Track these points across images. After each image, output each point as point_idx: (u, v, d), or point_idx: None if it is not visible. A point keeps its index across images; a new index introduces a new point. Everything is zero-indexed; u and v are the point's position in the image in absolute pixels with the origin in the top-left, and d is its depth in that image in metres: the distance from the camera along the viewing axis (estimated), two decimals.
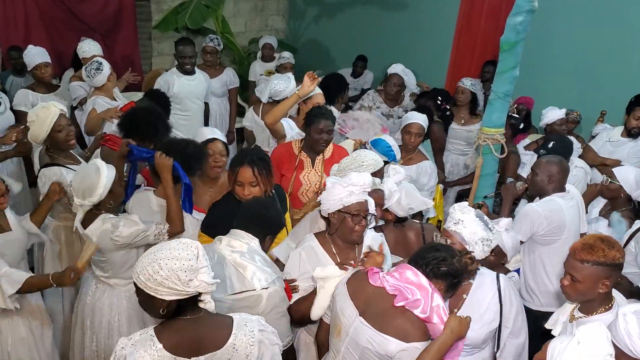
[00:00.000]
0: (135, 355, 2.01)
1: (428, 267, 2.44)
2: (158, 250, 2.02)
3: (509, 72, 4.63)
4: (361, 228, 2.89)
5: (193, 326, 2.08)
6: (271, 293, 2.65)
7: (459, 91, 5.78)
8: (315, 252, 2.98)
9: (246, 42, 8.89)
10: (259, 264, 2.70)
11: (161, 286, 1.97)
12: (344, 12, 8.75)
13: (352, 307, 2.46)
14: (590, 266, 2.48)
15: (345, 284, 2.55)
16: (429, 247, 2.57)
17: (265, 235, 2.83)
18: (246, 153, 3.31)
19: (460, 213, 2.84)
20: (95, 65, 4.75)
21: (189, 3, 7.41)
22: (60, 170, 3.61)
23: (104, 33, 7.02)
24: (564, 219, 3.60)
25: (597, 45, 6.27)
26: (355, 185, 2.86)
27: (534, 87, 6.37)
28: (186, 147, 3.37)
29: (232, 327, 2.14)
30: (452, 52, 7.29)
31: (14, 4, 6.36)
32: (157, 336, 2.06)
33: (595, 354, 1.97)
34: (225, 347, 2.10)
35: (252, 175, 3.18)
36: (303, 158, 4.09)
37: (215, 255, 2.72)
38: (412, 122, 4.69)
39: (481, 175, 4.97)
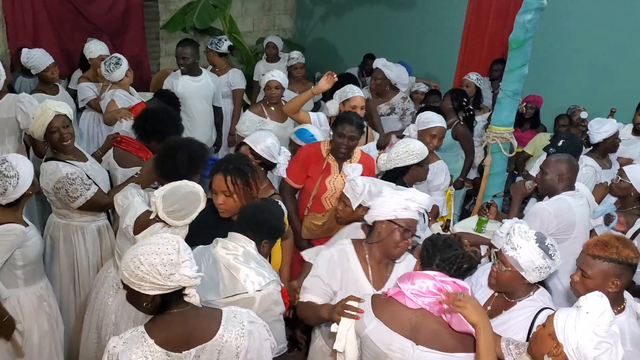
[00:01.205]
0: (127, 352, 2.03)
1: (452, 267, 2.40)
2: (140, 246, 2.04)
3: (517, 71, 4.62)
4: (405, 244, 2.75)
5: (181, 320, 2.09)
6: (264, 296, 2.60)
7: (464, 85, 5.85)
8: (347, 257, 2.84)
9: (254, 41, 8.89)
10: (254, 266, 2.65)
11: (143, 281, 1.99)
12: (352, 11, 8.74)
13: (402, 339, 2.33)
14: (602, 262, 2.46)
15: (377, 318, 2.39)
16: (443, 247, 2.46)
17: (262, 240, 2.76)
18: (226, 160, 3.15)
19: (519, 238, 2.60)
20: (115, 60, 4.94)
21: (196, 3, 7.42)
22: (57, 164, 3.59)
23: (111, 33, 7.04)
24: (573, 217, 3.57)
25: (607, 42, 6.24)
26: (415, 202, 2.75)
27: (543, 85, 6.35)
28: (190, 146, 3.34)
29: (221, 319, 2.16)
30: (460, 51, 7.27)
31: (22, 5, 6.38)
32: (148, 332, 2.07)
33: (603, 322, 1.98)
34: (214, 339, 2.12)
35: (224, 185, 3.02)
36: (331, 162, 4.01)
37: (210, 258, 2.70)
38: (432, 125, 4.44)
39: (490, 174, 4.96)
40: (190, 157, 3.25)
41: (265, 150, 3.64)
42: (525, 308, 2.71)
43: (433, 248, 2.47)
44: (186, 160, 3.21)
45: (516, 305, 2.74)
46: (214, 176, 3.05)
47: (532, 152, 5.80)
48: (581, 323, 1.99)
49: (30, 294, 3.20)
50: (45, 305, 3.29)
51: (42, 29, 6.58)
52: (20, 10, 6.39)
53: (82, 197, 3.57)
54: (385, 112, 5.68)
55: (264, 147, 3.65)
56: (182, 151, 3.23)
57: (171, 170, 3.19)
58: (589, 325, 1.97)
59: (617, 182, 4.07)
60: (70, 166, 3.59)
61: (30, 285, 3.20)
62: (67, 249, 3.77)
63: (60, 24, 6.74)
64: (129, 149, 3.93)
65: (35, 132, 3.62)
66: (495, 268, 2.67)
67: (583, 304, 2.04)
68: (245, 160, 3.24)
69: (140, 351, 2.04)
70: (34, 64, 5.13)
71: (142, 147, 3.93)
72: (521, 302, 2.73)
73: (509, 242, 2.64)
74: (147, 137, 3.89)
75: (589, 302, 2.03)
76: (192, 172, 3.26)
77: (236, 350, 2.15)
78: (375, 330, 2.39)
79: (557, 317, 2.08)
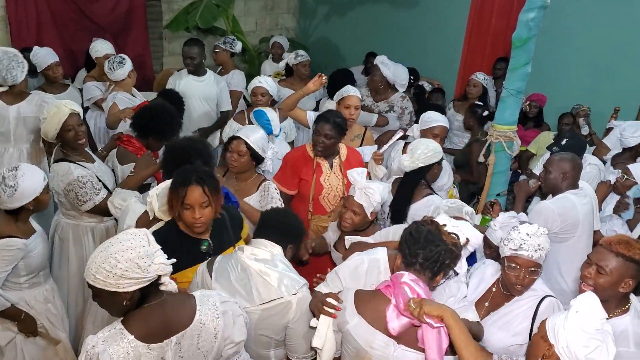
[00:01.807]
0: (108, 351, 2.01)
1: (435, 265, 2.36)
2: (108, 247, 2.01)
3: (521, 69, 4.61)
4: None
5: (158, 311, 2.09)
6: (300, 299, 2.57)
7: (471, 84, 5.79)
8: (379, 268, 2.76)
9: (257, 41, 8.89)
10: (284, 271, 2.62)
11: (122, 278, 1.96)
12: (355, 10, 8.74)
13: (384, 337, 2.32)
14: (623, 261, 2.46)
15: (359, 314, 2.38)
16: (425, 243, 2.36)
17: (287, 244, 2.74)
18: (190, 170, 2.81)
19: (538, 238, 2.68)
20: (119, 60, 4.98)
21: (199, 2, 7.42)
22: (69, 165, 3.61)
23: (115, 33, 7.05)
24: (577, 216, 3.57)
25: (610, 40, 6.23)
26: (471, 244, 2.73)
27: (547, 83, 6.34)
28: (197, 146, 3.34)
29: (196, 304, 2.19)
30: (464, 49, 7.27)
31: (26, 5, 6.39)
32: (126, 328, 2.06)
33: (592, 320, 1.97)
34: (193, 324, 2.15)
35: (202, 195, 2.75)
36: (320, 161, 4.06)
37: (238, 265, 2.64)
38: (435, 125, 4.43)
39: (494, 173, 4.95)
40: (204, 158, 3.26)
41: (257, 143, 3.76)
42: (526, 298, 2.75)
43: (414, 245, 2.38)
44: (201, 163, 3.16)
45: (516, 297, 2.76)
46: (187, 189, 2.73)
47: (535, 151, 5.79)
48: (570, 322, 1.98)
49: (38, 295, 3.23)
50: (50, 306, 3.31)
51: (45, 29, 6.60)
52: (23, 11, 6.41)
53: (90, 202, 3.60)
54: (383, 110, 5.65)
55: (256, 139, 3.78)
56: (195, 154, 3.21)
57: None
58: (578, 323, 1.96)
59: (622, 180, 4.06)
60: (81, 168, 3.60)
61: (35, 288, 3.22)
62: (77, 250, 3.78)
63: (63, 24, 6.76)
64: (128, 147, 3.95)
65: (49, 132, 3.61)
66: (521, 275, 2.68)
67: (573, 303, 2.03)
68: (205, 167, 3.04)
69: (121, 348, 2.03)
70: (37, 61, 5.18)
71: (141, 146, 3.94)
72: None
73: (529, 245, 2.65)
74: (144, 134, 3.91)
75: (578, 301, 2.02)
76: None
77: (214, 332, 2.19)
78: (357, 327, 2.38)
79: (549, 319, 2.08)
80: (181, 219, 2.82)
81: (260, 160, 3.84)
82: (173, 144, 3.51)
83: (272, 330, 2.61)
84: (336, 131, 3.96)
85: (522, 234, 2.69)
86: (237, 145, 3.73)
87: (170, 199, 2.81)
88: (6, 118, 4.46)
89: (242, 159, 3.74)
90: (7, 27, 6.36)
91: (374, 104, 5.67)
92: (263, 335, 2.62)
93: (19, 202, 2.97)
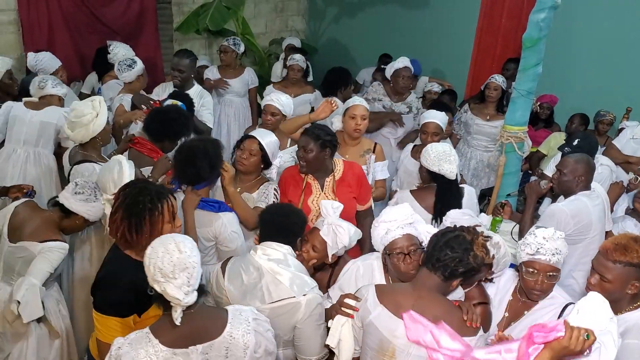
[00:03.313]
0: (132, 354, 2.05)
1: (447, 270, 2.35)
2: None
3: (531, 70, 4.60)
4: (407, 266, 2.71)
5: (187, 319, 2.10)
6: (310, 300, 2.60)
7: (491, 87, 5.69)
8: (373, 271, 2.88)
9: (267, 42, 8.92)
10: (295, 271, 2.66)
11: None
12: (364, 11, 8.73)
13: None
14: (623, 267, 2.44)
15: (381, 304, 2.41)
16: (442, 246, 2.38)
17: (296, 239, 2.79)
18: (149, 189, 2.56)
19: (555, 242, 2.68)
20: (129, 62, 5.02)
21: (209, 5, 7.44)
22: (93, 166, 3.68)
23: (126, 36, 7.06)
24: (590, 217, 3.55)
25: (622, 40, 6.19)
26: (387, 222, 2.78)
27: (558, 84, 6.32)
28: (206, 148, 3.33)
29: (228, 317, 2.19)
30: (474, 50, 7.25)
31: (38, 8, 6.43)
32: (153, 333, 2.10)
33: (597, 321, 1.95)
34: (222, 336, 2.15)
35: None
36: (310, 181, 3.76)
37: (250, 266, 2.68)
38: (428, 121, 4.48)
39: (504, 174, 4.94)
40: (210, 159, 3.26)
41: (269, 146, 3.72)
42: (547, 307, 2.73)
43: (434, 246, 2.40)
44: (207, 165, 3.23)
45: (537, 305, 2.76)
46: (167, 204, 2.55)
47: (546, 152, 5.77)
48: (570, 321, 1.96)
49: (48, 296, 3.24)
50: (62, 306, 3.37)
51: (57, 32, 6.63)
52: (35, 14, 6.44)
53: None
54: (403, 112, 5.66)
55: (269, 142, 3.74)
56: (201, 156, 3.23)
57: (194, 176, 3.24)
58: (578, 323, 1.95)
59: (635, 182, 4.04)
60: None
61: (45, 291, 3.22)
62: (99, 253, 3.73)
63: (75, 26, 6.79)
64: (142, 150, 3.95)
65: (97, 129, 3.72)
66: (539, 279, 2.67)
67: (577, 304, 2.02)
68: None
69: (145, 351, 2.06)
70: (43, 67, 5.22)
71: (154, 148, 3.95)
72: (542, 302, 2.74)
73: (546, 250, 2.64)
74: (159, 137, 3.92)
75: (582, 301, 2.01)
76: (214, 173, 3.33)
77: (244, 347, 2.18)
78: (379, 317, 2.40)
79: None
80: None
81: (268, 164, 3.79)
82: (183, 143, 3.54)
83: (280, 330, 2.62)
84: (317, 144, 3.61)
85: (538, 238, 2.68)
86: (249, 144, 3.69)
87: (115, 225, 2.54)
88: (25, 122, 4.57)
89: (252, 159, 3.69)
90: (19, 29, 6.40)
91: (393, 105, 5.68)
92: None
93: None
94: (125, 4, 7.19)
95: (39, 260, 3.03)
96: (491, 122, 5.70)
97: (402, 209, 2.83)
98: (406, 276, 2.69)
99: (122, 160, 3.22)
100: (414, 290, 2.41)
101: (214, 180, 3.41)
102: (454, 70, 7.50)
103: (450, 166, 3.59)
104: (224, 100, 6.30)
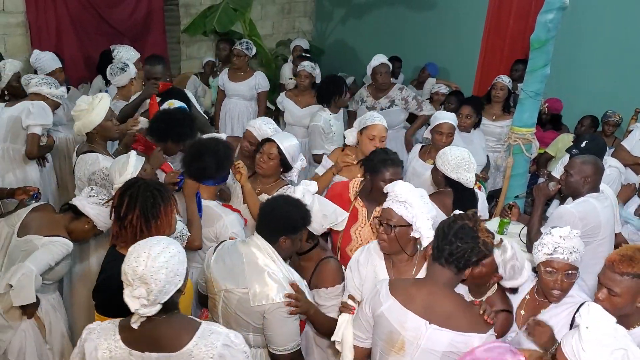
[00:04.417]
0: (95, 342, 2.07)
1: (460, 262, 2.33)
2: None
3: (539, 71, 4.58)
4: (380, 236, 2.78)
5: (149, 325, 2.06)
6: (278, 289, 2.64)
7: (497, 87, 5.71)
8: (370, 254, 2.92)
9: (274, 44, 8.92)
10: (269, 262, 2.70)
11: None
12: (371, 13, 8.73)
13: (416, 318, 2.34)
14: (631, 279, 2.40)
15: (393, 297, 2.41)
16: (452, 238, 2.34)
17: (279, 236, 2.72)
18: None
19: (571, 240, 2.69)
20: (121, 66, 4.97)
21: (217, 7, 7.46)
22: (97, 155, 3.71)
23: (133, 37, 7.08)
24: (599, 219, 3.53)
25: (631, 41, 6.17)
26: (393, 192, 2.81)
27: (565, 85, 6.29)
28: (217, 147, 3.36)
29: (196, 334, 2.09)
30: (481, 51, 7.24)
31: (46, 10, 6.44)
32: (119, 328, 2.10)
33: (607, 329, 1.93)
34: (181, 352, 2.06)
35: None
36: (358, 207, 3.52)
37: (235, 251, 2.77)
38: (443, 122, 4.45)
39: (512, 175, 4.92)
40: (218, 158, 3.30)
41: (289, 150, 3.69)
42: (564, 305, 2.72)
43: (442, 240, 2.37)
44: (214, 162, 3.27)
45: (554, 304, 2.73)
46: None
47: (554, 153, 5.75)
48: (586, 341, 1.93)
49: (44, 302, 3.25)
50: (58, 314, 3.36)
51: (64, 34, 6.65)
52: (43, 15, 6.47)
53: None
54: (385, 106, 5.75)
55: (289, 146, 3.71)
56: (210, 153, 3.27)
57: (199, 171, 3.27)
58: (594, 339, 1.92)
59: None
60: (108, 160, 3.67)
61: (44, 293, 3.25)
62: (98, 255, 3.73)
63: (82, 28, 6.81)
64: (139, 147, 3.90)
65: (93, 122, 3.74)
66: (558, 279, 2.67)
67: (579, 321, 1.98)
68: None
69: (107, 343, 2.07)
70: (40, 65, 5.23)
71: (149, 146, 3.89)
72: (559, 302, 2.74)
73: (563, 249, 2.65)
74: (163, 138, 3.89)
75: (583, 317, 1.97)
76: (220, 172, 3.36)
77: None
78: (390, 309, 2.40)
79: (564, 345, 2.02)
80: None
81: (288, 168, 3.77)
82: (195, 140, 3.57)
83: (248, 315, 2.68)
84: (402, 168, 3.51)
85: (555, 237, 2.68)
86: (268, 148, 3.69)
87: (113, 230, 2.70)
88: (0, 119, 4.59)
89: (271, 163, 3.67)
90: (27, 31, 6.42)
91: (375, 102, 5.78)
92: (241, 317, 2.71)
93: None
94: (133, 5, 7.20)
95: (41, 251, 3.03)
96: (497, 122, 5.70)
97: (417, 195, 2.79)
98: (381, 248, 2.83)
99: (131, 154, 3.30)
100: (426, 285, 2.41)
101: (219, 181, 3.41)
102: (461, 72, 7.49)
103: (469, 174, 3.54)
104: (229, 102, 6.30)
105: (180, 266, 2.06)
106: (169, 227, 2.63)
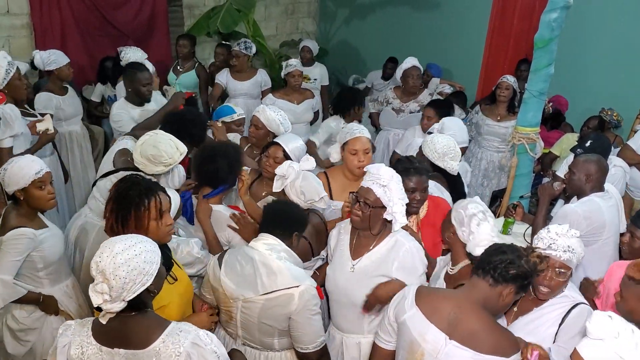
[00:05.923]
0: (69, 339, 2.09)
1: (496, 272, 2.30)
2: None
3: (543, 70, 4.58)
4: (354, 212, 2.87)
5: (118, 321, 2.04)
6: (302, 291, 2.62)
7: (502, 87, 5.69)
8: (341, 230, 3.08)
9: (277, 45, 8.93)
10: (289, 263, 2.71)
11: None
12: (375, 13, 8.73)
13: (437, 331, 2.32)
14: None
15: (417, 306, 2.39)
16: (494, 250, 2.38)
17: (292, 233, 2.81)
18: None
19: (568, 239, 2.67)
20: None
21: (220, 8, 7.45)
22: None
23: (137, 39, 7.09)
24: (603, 219, 3.52)
25: (635, 40, 6.16)
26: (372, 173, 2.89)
27: (570, 85, 6.28)
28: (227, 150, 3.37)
29: (164, 332, 2.07)
30: (485, 51, 7.24)
31: (50, 11, 6.47)
32: (92, 324, 2.09)
33: (624, 339, 1.87)
34: (147, 350, 2.04)
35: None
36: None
37: (246, 257, 2.73)
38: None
39: (516, 175, 4.91)
40: (230, 161, 3.31)
41: (294, 152, 3.74)
42: (557, 304, 2.71)
43: (485, 254, 2.41)
44: (226, 165, 3.28)
45: (548, 302, 2.72)
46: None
47: (558, 153, 5.73)
48: (604, 351, 1.89)
49: (58, 291, 3.28)
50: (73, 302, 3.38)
51: (69, 35, 6.68)
52: (48, 17, 6.49)
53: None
54: (414, 110, 5.74)
55: (294, 148, 3.76)
56: (221, 155, 3.29)
57: (212, 174, 3.27)
58: (611, 349, 1.88)
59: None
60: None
61: (55, 284, 3.28)
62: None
63: (87, 30, 6.83)
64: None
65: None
66: (547, 275, 2.65)
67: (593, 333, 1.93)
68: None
69: (79, 340, 2.07)
70: (55, 58, 5.19)
71: None
72: (553, 299, 2.72)
73: (558, 246, 2.64)
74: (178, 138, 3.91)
75: (597, 329, 1.91)
76: (231, 177, 3.36)
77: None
78: (413, 318, 2.38)
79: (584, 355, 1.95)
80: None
81: None
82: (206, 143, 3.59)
83: (274, 320, 2.66)
84: (427, 176, 3.39)
85: (551, 233, 2.68)
86: (274, 151, 3.73)
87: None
88: None
89: (277, 166, 3.62)
90: (32, 33, 6.45)
91: (402, 105, 5.71)
92: (266, 324, 2.68)
93: (7, 187, 3.05)
94: (137, 7, 7.22)
95: (1, 254, 3.00)
96: (502, 123, 5.69)
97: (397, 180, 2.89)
98: (351, 219, 2.95)
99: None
100: (456, 298, 2.38)
101: (228, 186, 3.41)
102: (465, 72, 7.48)
103: (454, 163, 3.72)
104: (235, 102, 6.29)
105: (147, 266, 2.00)
106: (145, 233, 2.38)
